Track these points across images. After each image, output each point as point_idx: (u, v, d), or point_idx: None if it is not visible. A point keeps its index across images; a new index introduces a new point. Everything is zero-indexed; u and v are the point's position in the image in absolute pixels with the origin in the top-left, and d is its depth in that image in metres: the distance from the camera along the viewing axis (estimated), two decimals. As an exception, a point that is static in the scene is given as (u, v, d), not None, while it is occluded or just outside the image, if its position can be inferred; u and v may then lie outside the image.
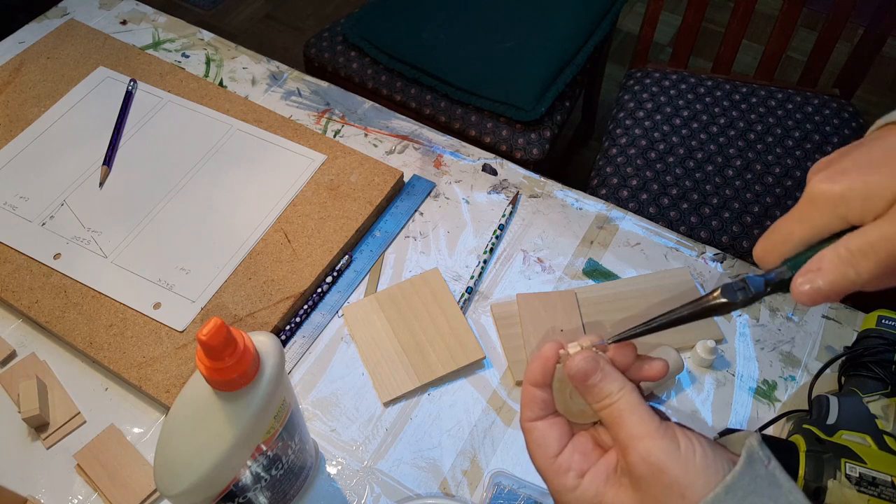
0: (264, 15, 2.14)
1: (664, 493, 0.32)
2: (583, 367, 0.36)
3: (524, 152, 1.14)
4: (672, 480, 0.32)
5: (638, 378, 0.38)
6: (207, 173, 0.73)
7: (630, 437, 0.34)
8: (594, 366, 0.36)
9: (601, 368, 0.36)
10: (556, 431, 0.38)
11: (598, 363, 0.36)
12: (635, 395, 0.35)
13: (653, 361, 0.38)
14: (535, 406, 0.38)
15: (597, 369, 0.36)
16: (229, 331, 0.38)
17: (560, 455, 0.37)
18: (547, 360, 0.38)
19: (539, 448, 0.37)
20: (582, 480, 0.36)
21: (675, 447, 0.33)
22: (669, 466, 0.32)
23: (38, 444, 0.58)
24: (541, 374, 0.38)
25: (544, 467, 0.37)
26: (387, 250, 0.70)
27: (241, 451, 0.42)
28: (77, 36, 0.86)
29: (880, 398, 0.52)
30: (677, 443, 0.33)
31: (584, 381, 0.36)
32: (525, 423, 0.38)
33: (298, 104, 0.82)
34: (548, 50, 1.18)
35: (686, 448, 0.33)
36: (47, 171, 0.73)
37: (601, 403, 0.35)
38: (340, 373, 0.63)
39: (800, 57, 1.95)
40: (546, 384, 0.38)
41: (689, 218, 1.03)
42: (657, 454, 0.33)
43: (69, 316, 0.63)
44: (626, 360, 0.38)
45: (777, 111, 1.15)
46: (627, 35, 2.07)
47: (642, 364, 0.38)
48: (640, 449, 0.33)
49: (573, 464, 0.36)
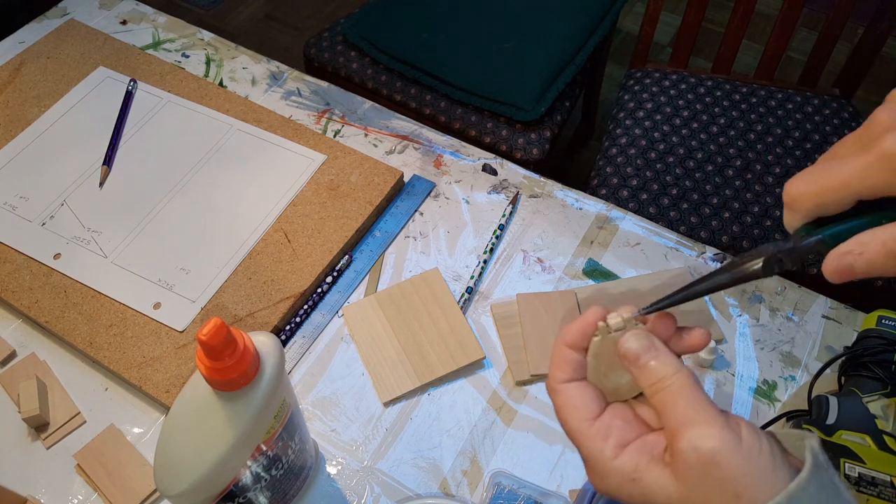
0: (264, 15, 2.14)
1: (716, 490, 0.29)
2: (635, 347, 0.33)
3: (524, 152, 1.14)
4: (727, 476, 0.28)
5: (679, 351, 0.35)
6: (207, 173, 0.73)
7: (682, 423, 0.30)
8: (648, 344, 0.33)
9: (655, 347, 0.33)
10: (591, 392, 0.35)
11: (652, 342, 0.33)
12: (692, 379, 0.32)
13: (692, 330, 0.35)
14: (567, 367, 0.35)
15: (651, 348, 0.33)
16: (229, 331, 0.38)
17: (599, 419, 0.34)
18: (589, 324, 0.35)
19: (574, 410, 0.34)
20: (623, 451, 0.32)
21: (735, 439, 0.29)
22: (726, 460, 0.29)
23: (38, 444, 0.58)
24: (580, 336, 0.35)
25: (580, 430, 0.34)
26: (387, 250, 0.70)
27: (241, 451, 0.42)
28: (77, 36, 0.86)
29: (880, 398, 0.52)
30: (739, 435, 0.30)
31: (637, 361, 0.33)
32: (556, 384, 0.35)
33: (298, 104, 0.82)
34: (548, 50, 1.18)
35: (750, 443, 0.29)
36: (47, 171, 0.73)
37: (654, 386, 0.32)
38: (340, 373, 0.63)
39: (800, 57, 1.95)
40: (581, 348, 0.36)
41: (689, 218, 1.03)
42: (712, 444, 0.29)
43: (69, 316, 0.63)
44: (667, 332, 0.35)
45: (777, 111, 1.15)
46: (627, 35, 2.07)
47: (681, 335, 0.35)
48: (692, 436, 0.30)
49: (613, 430, 0.33)
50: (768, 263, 0.31)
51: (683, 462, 0.29)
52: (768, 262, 0.31)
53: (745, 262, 0.32)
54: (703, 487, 0.29)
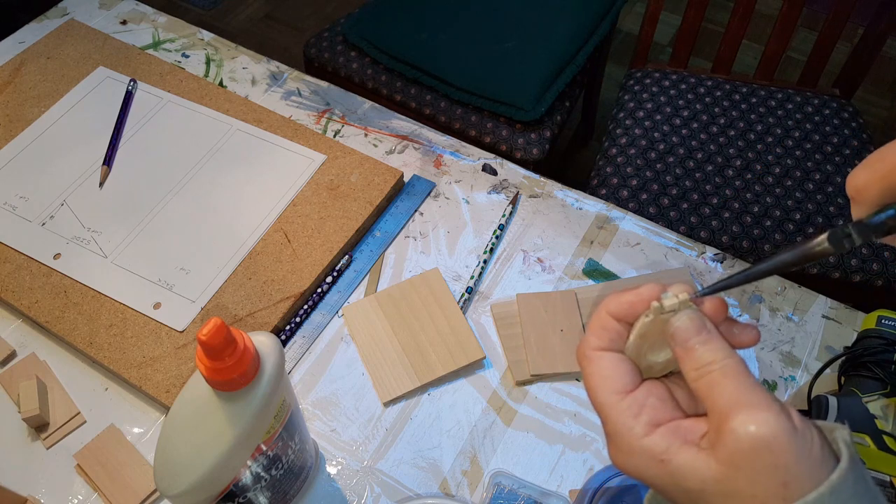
0: (264, 15, 2.14)
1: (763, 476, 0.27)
2: (687, 327, 0.31)
3: (524, 152, 1.14)
4: (780, 463, 0.27)
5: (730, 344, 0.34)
6: (207, 173, 0.73)
7: (735, 404, 0.29)
8: (700, 326, 0.31)
9: (708, 330, 0.31)
10: (627, 366, 0.33)
11: (706, 325, 0.32)
12: (743, 365, 0.30)
13: (745, 326, 0.33)
14: (605, 336, 0.34)
15: (704, 330, 0.31)
16: (229, 331, 0.38)
17: (632, 394, 0.32)
18: (643, 300, 0.33)
19: (606, 381, 0.32)
20: (654, 431, 0.31)
21: (791, 427, 0.28)
22: (781, 447, 0.27)
23: (38, 444, 0.58)
24: (628, 310, 0.34)
25: (609, 403, 0.32)
26: (387, 250, 0.70)
27: (241, 451, 0.42)
28: (77, 36, 0.86)
29: (879, 398, 0.52)
30: (793, 423, 0.28)
31: (686, 342, 0.31)
32: (589, 350, 0.34)
33: (298, 104, 0.82)
34: (548, 50, 1.18)
35: (804, 432, 0.28)
36: (47, 171, 0.73)
37: (701, 369, 0.30)
38: (340, 373, 0.63)
39: (800, 57, 1.95)
40: (626, 321, 0.34)
41: (689, 218, 1.03)
42: (769, 428, 0.28)
43: (69, 316, 0.63)
44: (718, 319, 0.33)
45: (777, 111, 1.15)
46: (627, 35, 2.07)
47: (731, 328, 0.33)
48: (747, 418, 0.28)
49: (647, 408, 0.31)
50: (835, 237, 0.29)
51: (734, 443, 0.28)
52: (835, 234, 0.29)
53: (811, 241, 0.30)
54: (750, 472, 0.28)
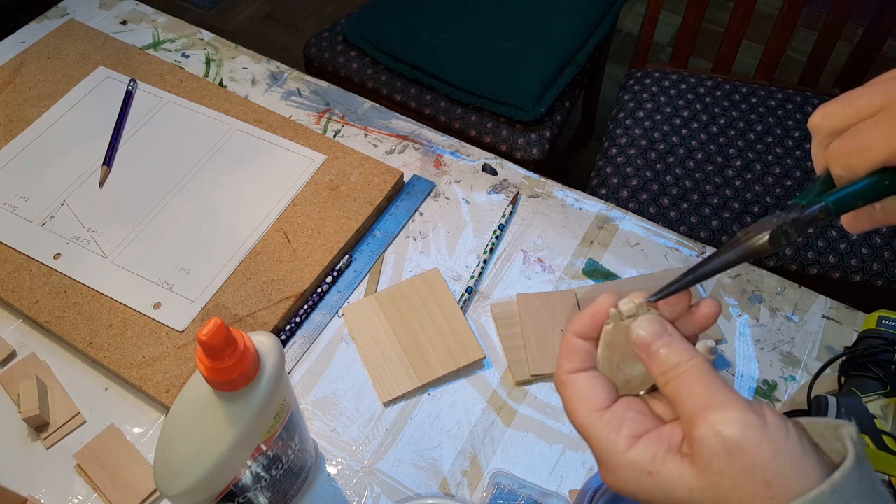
0: (264, 15, 2.14)
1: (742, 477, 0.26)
2: (646, 333, 0.31)
3: (524, 152, 1.14)
4: (755, 462, 0.26)
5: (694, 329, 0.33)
6: (207, 173, 0.73)
7: (702, 407, 0.28)
8: (660, 330, 0.31)
9: (668, 333, 0.31)
10: (601, 383, 0.33)
11: (665, 328, 0.32)
12: (708, 365, 0.30)
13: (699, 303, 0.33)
14: (577, 357, 0.34)
15: (663, 334, 0.31)
16: (229, 331, 0.38)
17: (610, 409, 0.32)
18: (601, 311, 0.34)
19: (583, 400, 0.32)
20: (637, 442, 0.30)
21: (760, 423, 0.27)
22: (753, 444, 0.27)
23: (38, 444, 0.58)
24: (591, 325, 0.34)
25: (590, 423, 0.32)
26: (387, 250, 0.70)
27: (241, 451, 0.42)
28: (77, 36, 0.86)
29: (879, 398, 0.52)
30: (764, 419, 0.27)
31: (648, 347, 0.31)
32: (564, 375, 0.34)
33: (298, 104, 0.82)
34: (548, 50, 1.18)
35: (777, 427, 0.27)
36: (47, 171, 0.73)
37: (667, 374, 0.30)
38: (340, 373, 0.63)
39: (800, 57, 1.95)
40: (592, 338, 0.34)
41: (689, 218, 1.03)
42: (736, 427, 0.27)
43: (69, 316, 0.63)
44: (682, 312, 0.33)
45: (777, 111, 1.15)
46: (627, 35, 2.07)
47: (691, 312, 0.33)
48: (713, 420, 0.27)
49: (626, 422, 0.31)
50: (775, 236, 0.30)
51: (706, 449, 0.27)
52: (775, 234, 0.30)
53: (750, 238, 0.30)
54: (729, 476, 0.27)
